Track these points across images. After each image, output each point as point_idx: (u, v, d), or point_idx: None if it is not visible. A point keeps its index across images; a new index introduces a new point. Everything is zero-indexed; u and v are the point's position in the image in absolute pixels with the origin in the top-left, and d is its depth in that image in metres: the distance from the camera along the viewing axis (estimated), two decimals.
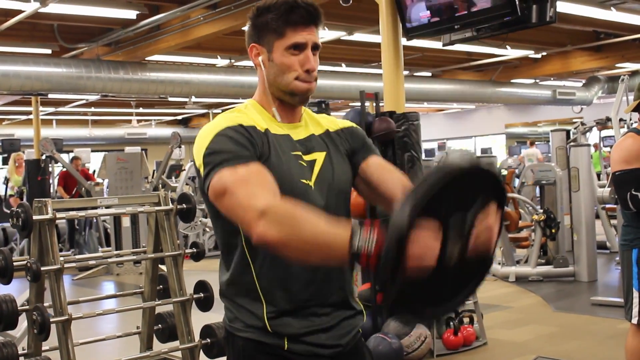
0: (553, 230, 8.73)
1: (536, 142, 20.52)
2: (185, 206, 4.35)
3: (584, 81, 17.55)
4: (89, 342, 4.28)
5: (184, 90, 11.08)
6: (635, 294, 3.81)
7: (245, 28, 1.99)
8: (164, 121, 22.22)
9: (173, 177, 14.85)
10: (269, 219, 1.60)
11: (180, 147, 11.45)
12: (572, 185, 8.74)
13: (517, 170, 13.91)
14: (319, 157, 1.93)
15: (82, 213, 3.97)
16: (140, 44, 9.87)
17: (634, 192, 3.71)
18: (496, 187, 1.59)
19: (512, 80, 15.99)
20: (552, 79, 17.32)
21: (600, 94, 17.06)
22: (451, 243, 1.50)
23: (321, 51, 1.95)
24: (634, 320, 3.81)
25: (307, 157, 1.91)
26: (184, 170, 13.43)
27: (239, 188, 1.68)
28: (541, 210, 8.82)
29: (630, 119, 7.97)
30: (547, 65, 14.66)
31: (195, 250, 4.42)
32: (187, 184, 13.43)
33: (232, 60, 11.79)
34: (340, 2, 6.58)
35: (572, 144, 9.37)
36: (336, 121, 2.06)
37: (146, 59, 10.70)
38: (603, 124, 11.72)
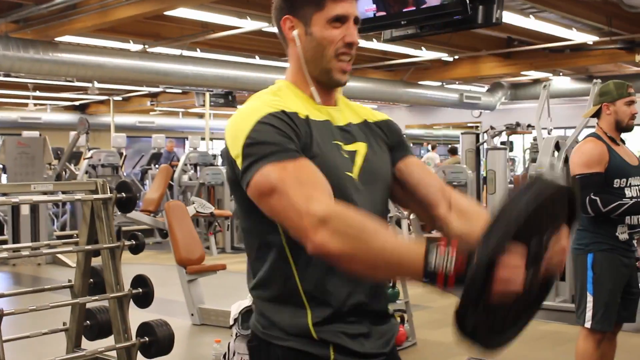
0: None
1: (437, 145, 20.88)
2: (125, 195, 4.07)
3: (487, 86, 17.96)
4: (14, 339, 3.95)
5: (96, 74, 10.58)
6: (589, 298, 3.82)
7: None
8: (61, 106, 21.35)
9: (72, 165, 14.27)
10: (331, 228, 1.45)
11: (87, 133, 10.95)
12: (489, 187, 8.87)
13: None
14: (360, 148, 1.75)
15: (15, 199, 3.63)
16: (53, 23, 9.33)
17: (592, 197, 3.72)
18: (571, 207, 1.54)
19: (420, 82, 16.16)
20: (457, 82, 17.62)
21: (503, 99, 17.50)
22: (528, 271, 1.41)
23: (236, 42, 1.80)
24: (587, 325, 3.82)
25: (347, 147, 1.73)
26: (87, 158, 12.87)
27: (291, 188, 1.50)
28: None
29: (550, 126, 8.09)
30: (457, 69, 14.87)
31: (134, 242, 4.15)
32: (86, 172, 12.93)
33: (146, 46, 11.37)
34: None
35: (489, 147, 9.49)
36: (373, 112, 1.90)
37: (56, 39, 10.14)
38: (513, 129, 12.00)
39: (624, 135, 4.02)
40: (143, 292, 4.07)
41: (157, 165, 14.81)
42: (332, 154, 1.67)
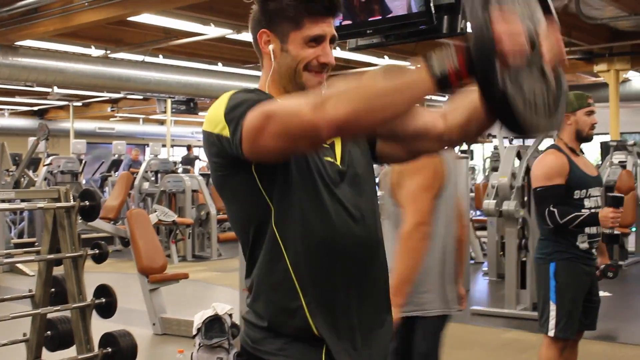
0: None
1: None
2: (88, 203, 4.01)
3: (448, 95, 18.12)
4: None
5: (57, 79, 10.45)
6: (553, 306, 3.86)
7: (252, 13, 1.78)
8: (19, 111, 21.03)
9: (31, 171, 14.06)
10: (332, 102, 1.43)
11: (47, 139, 10.80)
12: None
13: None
14: (336, 143, 1.77)
15: None
16: (14, 27, 9.17)
17: (551, 208, 3.77)
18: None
19: None
20: None
21: None
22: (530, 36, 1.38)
23: (199, 48, 1.81)
24: (550, 333, 3.86)
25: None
26: (46, 165, 12.69)
27: (281, 107, 1.53)
28: None
29: (511, 135, 8.19)
30: None
31: (97, 251, 4.09)
32: (45, 179, 12.74)
33: (108, 52, 11.26)
34: None
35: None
36: None
37: (17, 43, 9.99)
38: None
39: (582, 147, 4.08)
40: (106, 302, 4.01)
41: (117, 172, 14.66)
42: None
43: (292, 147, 1.54)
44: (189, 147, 20.98)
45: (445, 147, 1.85)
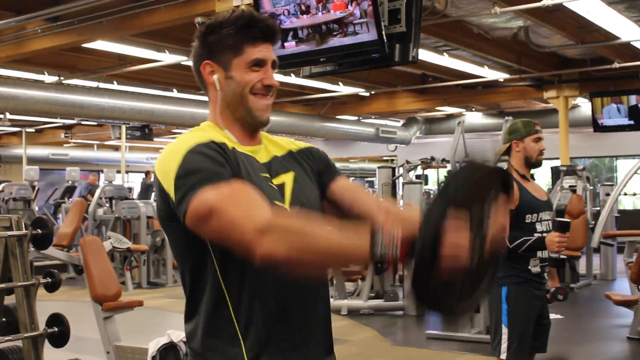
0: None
1: (351, 178, 21.07)
2: (40, 231, 3.99)
3: (402, 121, 18.32)
4: None
5: (9, 105, 10.30)
6: (504, 330, 3.92)
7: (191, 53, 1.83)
8: None
9: None
10: (274, 235, 1.46)
11: None
12: None
13: None
14: (287, 179, 1.80)
15: None
16: None
17: None
18: (505, 181, 1.57)
19: (337, 117, 16.37)
20: (373, 117, 17.92)
21: (418, 134, 17.87)
22: (474, 238, 1.42)
23: (154, 75, 1.84)
24: (503, 356, 3.92)
25: (275, 181, 1.77)
26: None
27: (229, 207, 1.51)
28: None
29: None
30: (373, 104, 15.13)
31: (49, 280, 4.06)
32: None
33: (62, 78, 11.18)
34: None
35: (405, 181, 9.67)
36: (296, 142, 1.93)
37: None
38: (428, 163, 12.25)
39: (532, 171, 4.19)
40: (59, 331, 3.99)
41: (71, 199, 14.48)
42: (260, 185, 1.69)
43: (225, 247, 1.56)
44: (147, 173, 20.73)
45: None
